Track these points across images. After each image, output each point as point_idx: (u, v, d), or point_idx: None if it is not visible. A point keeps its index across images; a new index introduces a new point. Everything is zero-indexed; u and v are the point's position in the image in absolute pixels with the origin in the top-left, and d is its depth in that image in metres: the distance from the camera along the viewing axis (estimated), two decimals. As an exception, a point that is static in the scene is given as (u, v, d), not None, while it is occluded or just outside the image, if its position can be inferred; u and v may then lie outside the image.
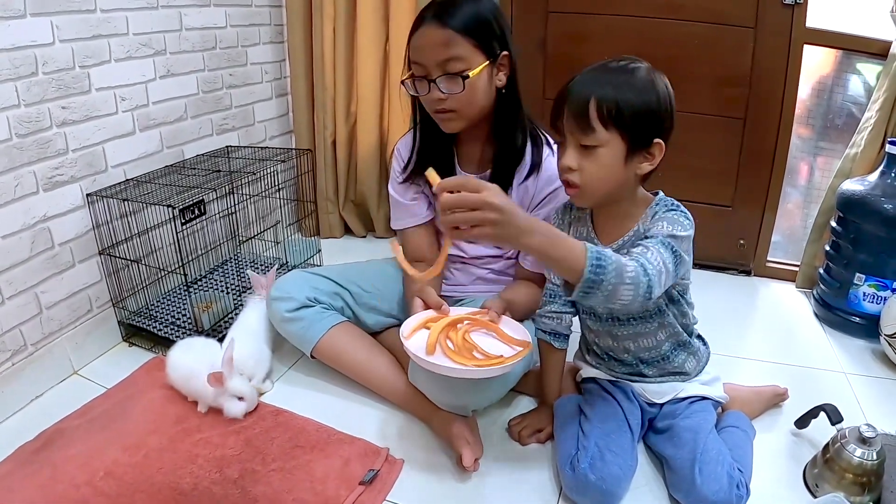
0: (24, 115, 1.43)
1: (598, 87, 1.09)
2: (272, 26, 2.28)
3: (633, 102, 1.08)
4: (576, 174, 1.12)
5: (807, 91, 2.10)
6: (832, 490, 1.21)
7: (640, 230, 1.19)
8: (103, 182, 1.67)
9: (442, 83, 1.31)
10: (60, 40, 1.49)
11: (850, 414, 1.37)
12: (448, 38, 1.28)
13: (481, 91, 1.35)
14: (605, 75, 1.11)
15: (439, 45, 1.29)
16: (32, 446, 1.35)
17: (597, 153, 1.10)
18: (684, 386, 1.32)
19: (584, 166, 1.12)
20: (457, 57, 1.29)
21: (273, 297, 1.55)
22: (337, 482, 1.26)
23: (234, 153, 2.06)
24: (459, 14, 1.29)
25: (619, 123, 1.08)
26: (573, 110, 1.10)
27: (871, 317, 1.79)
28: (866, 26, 1.95)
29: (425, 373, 1.24)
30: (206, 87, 2.01)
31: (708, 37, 2.02)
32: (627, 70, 1.12)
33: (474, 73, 1.30)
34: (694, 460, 1.16)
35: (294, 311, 1.52)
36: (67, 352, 1.62)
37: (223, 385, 1.39)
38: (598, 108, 1.08)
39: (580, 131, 1.10)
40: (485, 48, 1.32)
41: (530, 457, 1.35)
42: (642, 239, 1.14)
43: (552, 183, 1.41)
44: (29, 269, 1.50)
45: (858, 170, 1.91)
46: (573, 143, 1.12)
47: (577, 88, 1.11)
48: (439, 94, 1.33)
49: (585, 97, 1.08)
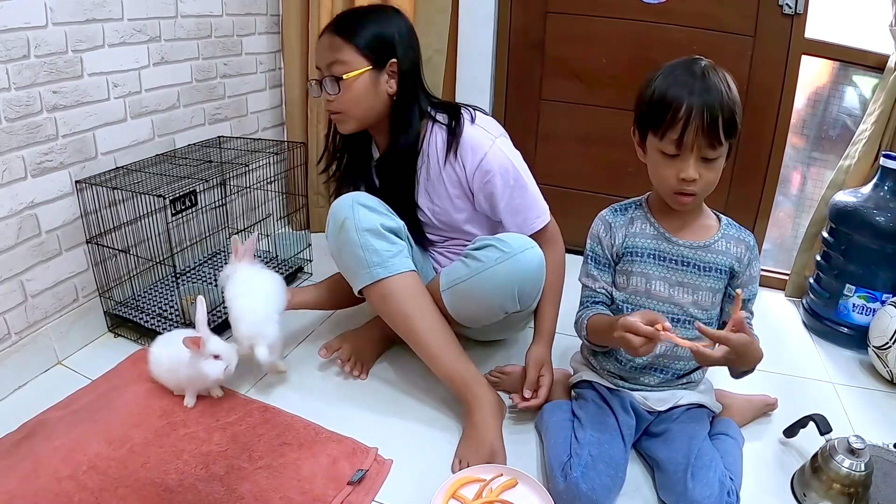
0: (14, 99, 1.40)
1: (719, 101, 1.12)
2: (268, 16, 2.25)
3: (739, 107, 1.15)
4: (696, 184, 1.17)
5: (802, 101, 2.11)
6: (819, 500, 1.22)
7: (727, 240, 1.27)
8: (93, 169, 1.64)
9: (325, 84, 1.43)
10: (54, 23, 1.46)
11: (838, 424, 1.38)
12: (334, 44, 1.41)
13: (363, 94, 1.43)
14: (708, 84, 1.13)
15: (327, 50, 1.42)
16: (14, 437, 1.32)
17: (716, 163, 1.16)
18: (684, 393, 1.33)
19: (704, 176, 1.16)
20: (339, 61, 1.40)
21: (360, 203, 1.41)
22: (325, 481, 1.25)
23: (227, 144, 2.04)
24: (351, 24, 1.42)
25: (735, 132, 1.15)
26: (705, 128, 1.11)
27: (859, 328, 1.81)
28: (863, 39, 1.96)
29: (469, 290, 1.39)
30: (200, 76, 1.98)
31: (707, 43, 2.02)
32: (718, 75, 1.15)
33: (349, 76, 1.40)
34: (687, 465, 1.16)
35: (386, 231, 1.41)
36: (52, 341, 1.59)
37: (200, 348, 1.35)
38: (724, 124, 1.12)
39: (709, 147, 1.13)
40: (368, 55, 1.41)
41: (520, 463, 1.34)
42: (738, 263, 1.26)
43: (484, 172, 1.45)
44: (14, 257, 1.47)
45: (852, 181, 1.92)
46: (696, 156, 1.14)
47: (703, 103, 1.11)
48: (326, 96, 1.44)
49: (714, 113, 1.11)
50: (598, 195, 2.32)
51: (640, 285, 1.30)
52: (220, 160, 1.85)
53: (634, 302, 1.31)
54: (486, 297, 1.39)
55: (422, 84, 1.51)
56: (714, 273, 1.26)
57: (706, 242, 1.27)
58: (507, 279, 1.36)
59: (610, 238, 1.33)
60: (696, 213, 1.29)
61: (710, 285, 1.27)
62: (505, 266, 1.35)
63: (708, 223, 1.30)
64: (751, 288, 1.29)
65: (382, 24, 1.43)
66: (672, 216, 1.28)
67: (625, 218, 1.33)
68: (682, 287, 1.28)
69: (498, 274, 1.35)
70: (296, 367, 1.63)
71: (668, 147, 1.15)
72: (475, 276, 1.37)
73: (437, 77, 2.13)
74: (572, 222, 2.41)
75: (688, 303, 1.28)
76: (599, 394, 1.35)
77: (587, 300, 1.38)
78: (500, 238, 1.38)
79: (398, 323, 1.44)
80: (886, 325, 1.66)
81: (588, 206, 2.33)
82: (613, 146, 2.22)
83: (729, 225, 1.30)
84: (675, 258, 1.28)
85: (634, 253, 1.30)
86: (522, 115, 2.35)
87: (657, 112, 1.15)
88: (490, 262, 1.35)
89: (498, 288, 1.37)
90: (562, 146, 2.34)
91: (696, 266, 1.27)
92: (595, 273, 1.36)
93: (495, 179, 1.44)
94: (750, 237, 1.29)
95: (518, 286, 1.37)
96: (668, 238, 1.28)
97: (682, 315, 1.28)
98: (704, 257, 1.26)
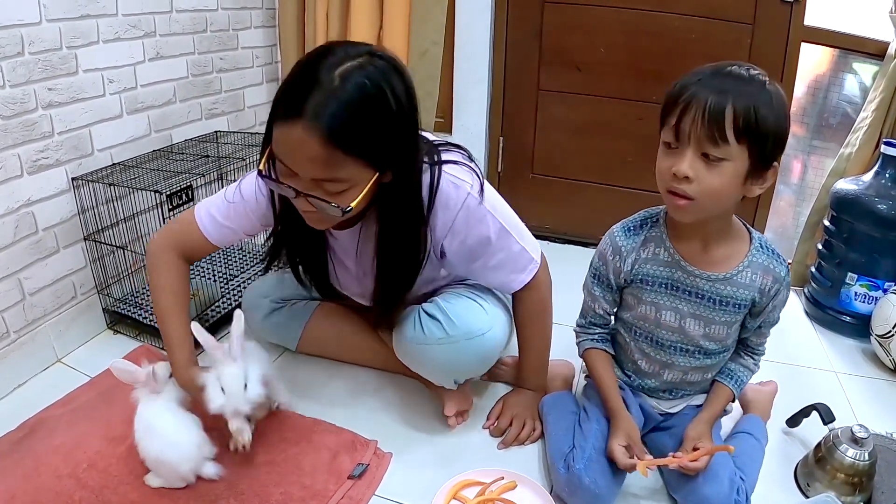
0: (8, 97, 1.39)
1: (736, 96, 0.97)
2: (264, 10, 2.24)
3: (769, 119, 0.98)
4: (692, 185, 1.01)
5: (802, 89, 2.09)
6: (823, 490, 1.21)
7: (753, 271, 1.14)
8: (89, 166, 1.63)
9: (317, 204, 1.04)
10: (48, 20, 1.45)
11: (840, 413, 1.37)
12: (329, 157, 0.97)
13: (367, 201, 1.09)
14: (739, 84, 0.99)
15: (316, 162, 0.98)
16: (14, 436, 1.32)
17: (721, 166, 0.99)
18: (695, 397, 1.31)
19: (702, 178, 1.00)
20: (338, 179, 1.01)
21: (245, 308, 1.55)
22: (325, 476, 1.24)
23: (223, 138, 2.02)
24: (345, 125, 0.96)
25: (752, 138, 0.98)
26: (706, 116, 0.97)
27: (862, 316, 1.80)
28: (864, 26, 1.94)
29: (410, 353, 1.33)
30: (196, 71, 1.97)
31: (705, 31, 2.01)
32: (757, 81, 1.00)
33: (358, 201, 1.04)
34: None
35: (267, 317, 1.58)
36: (51, 339, 1.58)
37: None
38: (735, 118, 0.96)
39: (710, 141, 0.98)
40: (375, 161, 1.03)
41: (519, 456, 1.35)
42: (760, 295, 1.15)
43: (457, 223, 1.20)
44: (12, 255, 1.46)
45: (853, 169, 1.91)
46: (695, 151, 1.00)
47: (711, 90, 0.98)
48: (310, 207, 1.06)
49: (722, 103, 0.96)
50: (596, 185, 2.32)
51: (650, 313, 1.21)
52: (217, 155, 1.84)
53: (642, 327, 1.24)
54: (425, 367, 1.35)
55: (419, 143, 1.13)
56: (731, 308, 1.16)
57: (726, 275, 1.13)
58: (445, 361, 1.29)
59: (618, 263, 1.21)
60: (721, 236, 1.14)
61: (726, 319, 1.17)
62: (444, 349, 1.26)
63: (734, 248, 1.15)
64: (773, 315, 1.19)
65: (381, 108, 1.00)
66: (691, 236, 1.14)
67: (638, 239, 1.20)
68: (695, 319, 1.18)
69: (436, 354, 1.28)
70: (296, 364, 1.62)
71: (668, 134, 1.03)
72: (417, 345, 1.29)
73: (435, 69, 2.12)
74: (571, 212, 2.41)
75: (699, 335, 1.19)
76: None
77: (585, 316, 1.34)
78: (449, 316, 1.26)
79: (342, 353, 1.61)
80: (889, 314, 1.65)
81: (587, 196, 2.35)
82: (612, 136, 2.21)
83: (760, 251, 1.14)
84: (689, 289, 1.16)
85: (645, 281, 1.19)
86: (520, 105, 2.33)
87: (667, 100, 1.05)
88: (431, 340, 1.26)
89: (435, 366, 1.32)
90: (560, 136, 2.33)
91: (711, 300, 1.15)
92: (596, 293, 1.27)
93: (474, 231, 1.21)
94: (782, 267, 1.14)
95: (454, 371, 1.34)
96: (684, 267, 1.15)
97: (691, 346, 1.20)
98: (723, 291, 1.14)
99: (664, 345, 1.22)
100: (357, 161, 1.00)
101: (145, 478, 1.20)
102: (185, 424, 1.19)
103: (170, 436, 1.16)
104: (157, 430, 1.16)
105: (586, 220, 2.32)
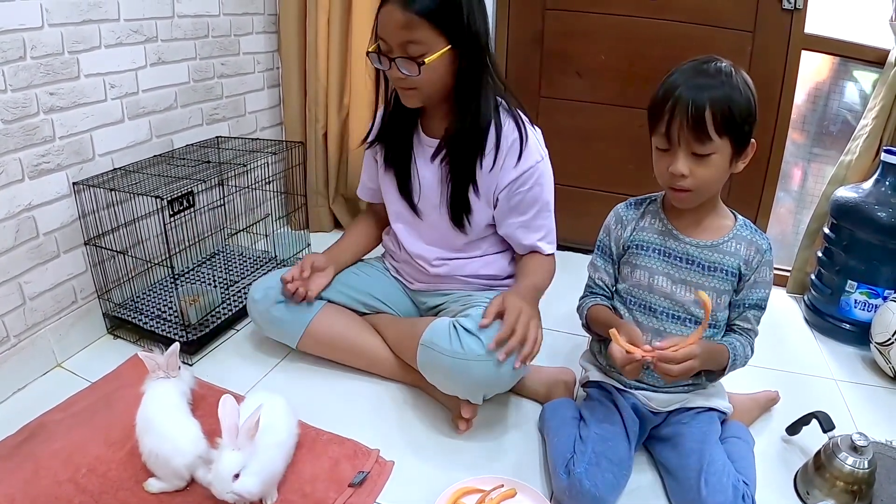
0: (10, 101, 1.39)
1: (710, 96, 1.09)
2: (265, 16, 2.24)
3: (741, 105, 1.11)
4: (688, 180, 1.15)
5: (802, 97, 2.10)
6: (823, 497, 1.21)
7: (738, 241, 1.25)
8: (90, 171, 1.63)
9: (401, 64, 1.30)
10: (49, 24, 1.46)
11: (840, 421, 1.37)
12: (409, 21, 1.25)
13: (441, 73, 1.32)
14: (709, 81, 1.12)
15: (400, 27, 1.26)
16: (14, 440, 1.32)
17: (710, 159, 1.14)
18: (688, 396, 1.31)
19: (696, 172, 1.14)
20: (416, 41, 1.27)
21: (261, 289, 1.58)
22: (326, 483, 1.24)
23: (225, 144, 2.03)
24: None
25: (731, 129, 1.11)
26: (690, 121, 1.10)
27: (861, 324, 1.80)
28: (863, 34, 1.95)
29: (445, 367, 1.30)
30: (198, 76, 1.97)
31: (706, 39, 2.02)
32: (725, 72, 1.13)
33: (431, 60, 1.28)
34: (700, 470, 1.15)
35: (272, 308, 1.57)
36: (51, 343, 1.58)
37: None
38: (713, 118, 1.09)
39: (697, 141, 1.11)
40: (447, 33, 1.28)
41: (522, 462, 1.34)
42: (746, 265, 1.24)
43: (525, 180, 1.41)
44: (12, 259, 1.46)
45: (853, 177, 1.91)
46: (685, 151, 1.13)
47: (689, 97, 1.10)
48: (398, 74, 1.31)
49: (700, 107, 1.09)
50: (598, 193, 2.32)
51: (643, 279, 1.29)
52: (219, 160, 1.84)
53: (636, 295, 1.31)
54: (459, 383, 1.33)
55: (492, 61, 1.38)
56: (719, 273, 1.25)
57: (714, 242, 1.25)
58: (483, 377, 1.28)
59: (619, 231, 1.34)
60: (710, 212, 1.27)
61: (715, 286, 1.25)
62: (483, 367, 1.26)
63: (722, 223, 1.28)
64: (755, 292, 1.27)
65: None
66: (685, 213, 1.27)
67: (637, 212, 1.34)
68: (685, 285, 1.26)
69: (475, 370, 1.27)
70: (293, 371, 1.62)
71: (660, 141, 1.17)
72: (455, 359, 1.28)
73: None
74: (573, 220, 2.40)
75: (689, 301, 1.26)
76: (608, 392, 1.34)
77: (588, 289, 1.41)
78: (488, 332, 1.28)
79: (343, 356, 1.61)
80: (889, 321, 1.65)
81: (589, 204, 2.35)
82: (614, 143, 2.22)
83: (744, 226, 1.27)
84: (679, 255, 1.27)
85: (640, 246, 1.31)
86: (521, 112, 2.33)
87: (653, 107, 1.17)
88: (470, 356, 1.27)
89: (473, 381, 1.30)
90: (561, 143, 2.30)
91: (700, 265, 1.25)
92: (599, 263, 1.38)
93: (535, 190, 1.42)
94: (763, 241, 1.26)
95: (493, 387, 1.34)
96: (676, 235, 1.27)
97: (682, 313, 1.27)
98: (710, 257, 1.25)
99: (656, 310, 1.29)
100: (431, 26, 1.26)
101: (145, 483, 1.20)
102: (183, 419, 1.23)
103: (165, 429, 1.19)
104: (153, 422, 1.20)
105: (587, 228, 2.28)
